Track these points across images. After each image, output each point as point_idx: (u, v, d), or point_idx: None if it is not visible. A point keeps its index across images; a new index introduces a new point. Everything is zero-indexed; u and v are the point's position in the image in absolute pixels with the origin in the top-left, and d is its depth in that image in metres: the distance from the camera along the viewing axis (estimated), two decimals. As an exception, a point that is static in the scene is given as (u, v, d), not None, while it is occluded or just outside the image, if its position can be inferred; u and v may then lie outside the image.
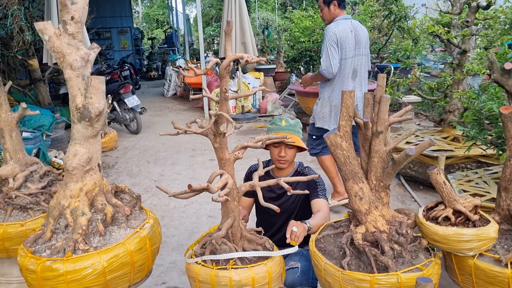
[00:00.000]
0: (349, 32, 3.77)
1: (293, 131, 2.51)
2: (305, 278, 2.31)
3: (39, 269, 1.73)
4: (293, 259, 2.41)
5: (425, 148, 1.83)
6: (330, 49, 3.72)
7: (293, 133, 2.48)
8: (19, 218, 2.31)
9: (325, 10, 3.90)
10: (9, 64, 7.31)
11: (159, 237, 2.06)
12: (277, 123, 2.56)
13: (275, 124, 2.56)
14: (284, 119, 2.57)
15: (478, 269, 1.78)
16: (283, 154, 2.45)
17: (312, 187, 2.49)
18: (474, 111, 2.95)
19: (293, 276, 2.30)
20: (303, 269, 2.33)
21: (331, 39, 3.71)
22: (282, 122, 2.55)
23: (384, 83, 1.90)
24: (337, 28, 3.74)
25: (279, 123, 2.55)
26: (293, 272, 2.33)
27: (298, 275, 2.30)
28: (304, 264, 2.36)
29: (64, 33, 1.81)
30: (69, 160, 1.87)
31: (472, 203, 1.84)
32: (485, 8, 4.29)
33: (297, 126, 2.57)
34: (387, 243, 1.79)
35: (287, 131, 2.47)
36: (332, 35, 3.72)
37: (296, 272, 2.32)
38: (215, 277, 1.80)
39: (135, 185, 5.09)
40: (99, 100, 1.84)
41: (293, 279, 2.29)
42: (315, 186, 2.49)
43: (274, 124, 2.58)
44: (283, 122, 2.55)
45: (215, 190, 1.77)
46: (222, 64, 1.80)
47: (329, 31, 3.75)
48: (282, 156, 2.45)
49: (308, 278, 2.33)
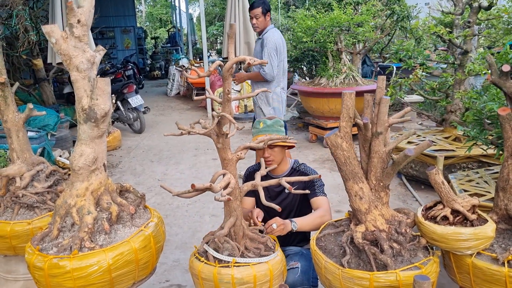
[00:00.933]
0: (281, 39, 4.47)
1: (270, 131, 2.54)
2: (305, 278, 2.34)
3: (46, 266, 1.78)
4: (293, 259, 2.45)
5: (424, 149, 1.86)
6: (272, 56, 4.34)
7: (271, 133, 2.51)
8: (26, 216, 2.36)
9: (261, 19, 4.42)
10: (14, 63, 7.38)
11: (163, 236, 2.11)
12: (256, 126, 2.62)
13: (255, 128, 2.63)
14: (262, 121, 2.61)
15: (476, 268, 1.81)
16: (266, 155, 2.46)
17: (309, 186, 2.51)
18: (475, 111, 2.97)
19: (293, 276, 2.33)
20: (303, 269, 2.37)
21: (272, 47, 4.32)
22: (260, 124, 2.59)
23: (383, 84, 1.94)
24: (274, 37, 4.36)
25: (257, 126, 2.61)
26: (293, 272, 2.36)
27: (299, 275, 2.34)
28: (304, 264, 2.39)
29: (70, 36, 1.85)
30: (75, 160, 1.91)
31: (470, 203, 1.87)
32: (487, 8, 4.31)
33: (276, 125, 2.58)
34: (387, 242, 1.83)
35: (265, 132, 2.52)
36: (272, 44, 4.33)
37: (297, 272, 2.36)
38: (217, 274, 1.84)
39: (139, 184, 5.14)
40: (104, 101, 1.88)
41: (294, 279, 2.32)
42: (312, 184, 2.51)
43: (254, 127, 2.64)
44: (260, 124, 2.59)
45: (218, 190, 1.81)
46: (225, 66, 1.84)
47: (269, 40, 4.34)
48: (266, 156, 2.46)
49: (309, 278, 2.37)
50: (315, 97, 6.49)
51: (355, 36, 6.69)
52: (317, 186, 2.52)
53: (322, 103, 6.40)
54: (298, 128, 7.68)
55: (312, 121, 6.80)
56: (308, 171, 2.60)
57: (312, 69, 8.39)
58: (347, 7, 7.04)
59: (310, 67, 8.42)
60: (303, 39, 6.51)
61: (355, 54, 7.64)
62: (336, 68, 6.56)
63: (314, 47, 6.80)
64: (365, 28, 6.58)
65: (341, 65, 6.58)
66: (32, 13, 6.57)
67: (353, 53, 7.62)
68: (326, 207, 2.43)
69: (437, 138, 4.61)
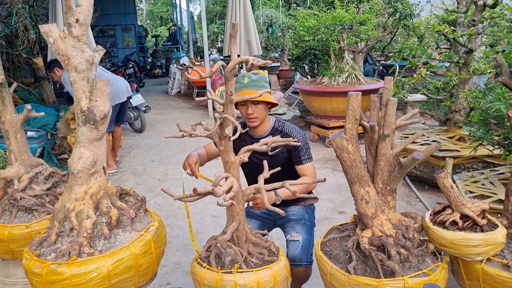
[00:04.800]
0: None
1: (256, 86, 2.37)
2: (304, 254, 2.35)
3: (44, 272, 1.73)
4: (295, 229, 2.44)
5: (432, 152, 1.81)
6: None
7: (256, 89, 2.35)
8: (24, 219, 2.31)
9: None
10: (13, 62, 7.34)
11: (164, 240, 2.06)
12: (240, 81, 2.42)
13: (238, 83, 2.42)
14: (247, 75, 2.41)
15: (486, 274, 1.77)
16: (250, 112, 2.36)
17: (293, 151, 2.42)
18: (481, 111, 2.92)
19: (294, 250, 2.35)
20: (303, 244, 2.37)
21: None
22: (244, 79, 2.41)
23: (391, 86, 1.89)
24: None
25: (241, 81, 2.41)
26: (294, 246, 2.37)
27: (299, 251, 2.35)
28: (305, 237, 2.39)
29: (69, 35, 1.80)
30: (74, 163, 1.86)
31: (480, 208, 1.82)
32: (492, 7, 4.25)
33: (261, 81, 2.41)
34: (394, 248, 1.78)
35: (250, 88, 2.36)
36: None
37: (297, 247, 2.36)
38: (220, 280, 1.80)
39: (139, 185, 5.10)
40: (104, 103, 1.83)
41: (294, 254, 2.34)
42: (296, 150, 2.42)
43: (238, 82, 2.43)
44: (245, 79, 2.40)
45: (220, 194, 1.76)
46: (227, 67, 1.79)
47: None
48: (250, 113, 2.36)
49: (308, 254, 2.38)
50: (317, 96, 6.43)
51: (358, 35, 6.63)
52: (303, 153, 2.43)
53: (325, 102, 6.34)
54: (300, 127, 7.63)
55: (314, 120, 6.75)
56: (291, 131, 2.47)
57: (314, 67, 8.33)
58: (349, 5, 6.98)
59: (312, 65, 8.36)
60: (305, 37, 6.45)
61: (357, 53, 7.58)
62: (339, 67, 6.50)
63: (316, 45, 6.74)
64: (367, 26, 6.52)
65: (343, 64, 6.52)
66: (32, 11, 6.52)
67: (355, 51, 7.56)
68: (311, 174, 2.41)
69: (441, 138, 4.55)
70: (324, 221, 3.96)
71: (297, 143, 2.10)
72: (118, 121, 5.80)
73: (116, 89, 5.41)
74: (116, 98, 5.46)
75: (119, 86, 5.53)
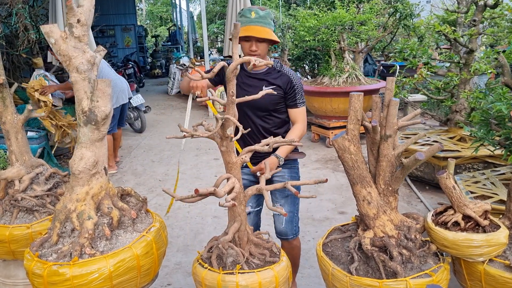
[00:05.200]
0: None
1: (263, 23, 2.30)
2: (289, 228, 2.44)
3: (46, 273, 1.73)
4: (279, 202, 2.47)
5: (434, 153, 1.81)
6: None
7: (263, 25, 2.29)
8: (25, 220, 2.31)
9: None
10: (13, 62, 7.32)
11: (165, 241, 2.06)
12: (246, 15, 2.31)
13: (245, 17, 2.31)
14: (254, 10, 2.31)
15: (488, 275, 1.76)
16: (254, 48, 2.29)
17: (290, 92, 2.39)
18: (482, 112, 2.92)
19: (279, 225, 2.44)
20: (287, 219, 2.45)
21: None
22: (251, 13, 2.30)
23: (393, 86, 1.88)
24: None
25: (248, 15, 2.30)
26: (279, 220, 2.46)
27: (284, 226, 2.43)
28: (289, 211, 2.45)
29: (70, 36, 1.80)
30: (75, 163, 1.86)
31: (482, 208, 1.81)
32: (493, 7, 4.24)
33: (268, 17, 2.33)
34: (396, 248, 1.78)
35: (256, 23, 2.28)
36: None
37: (282, 221, 2.45)
38: (221, 281, 1.79)
39: (139, 185, 5.09)
40: (105, 103, 1.83)
41: (280, 228, 2.43)
42: (293, 92, 2.38)
43: (244, 16, 2.32)
44: (252, 13, 2.30)
45: (222, 195, 1.75)
46: (229, 67, 1.78)
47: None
48: (254, 50, 2.30)
49: (292, 227, 2.46)
50: (317, 96, 6.43)
51: (358, 35, 6.62)
52: (299, 96, 2.40)
53: (325, 102, 6.34)
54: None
55: (314, 121, 6.74)
56: (289, 72, 2.42)
57: (315, 68, 8.32)
58: (349, 5, 6.98)
59: (313, 66, 8.35)
60: (306, 37, 6.45)
61: (357, 53, 7.57)
62: (339, 67, 6.50)
63: (316, 45, 6.73)
64: (368, 26, 6.52)
65: (343, 64, 6.52)
66: (32, 11, 6.51)
67: (356, 51, 7.55)
68: (303, 119, 2.42)
69: (441, 138, 4.55)
70: (325, 221, 3.95)
71: (299, 144, 2.10)
72: (119, 124, 5.78)
73: (119, 89, 5.40)
74: (120, 99, 5.45)
75: (123, 87, 5.52)
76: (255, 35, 2.24)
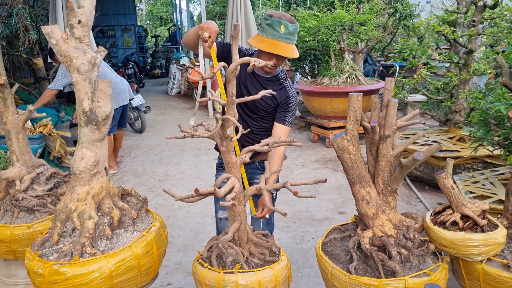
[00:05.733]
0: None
1: (291, 40, 2.17)
2: (267, 227, 2.54)
3: (47, 272, 1.74)
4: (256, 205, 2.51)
5: (433, 153, 1.82)
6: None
7: (290, 42, 2.18)
8: (26, 220, 2.32)
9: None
10: (14, 63, 7.34)
11: (166, 240, 2.07)
12: (276, 28, 2.14)
13: (273, 29, 2.14)
14: (284, 24, 2.14)
15: (486, 274, 1.77)
16: (275, 62, 2.22)
17: (283, 107, 2.37)
18: (481, 112, 2.93)
19: (258, 228, 2.49)
20: (265, 221, 2.53)
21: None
22: (281, 27, 2.13)
23: (392, 86, 1.89)
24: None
25: (277, 28, 2.13)
26: (256, 223, 2.53)
27: (262, 229, 2.49)
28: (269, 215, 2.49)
29: (71, 36, 1.81)
30: (76, 163, 1.87)
31: (480, 208, 1.83)
32: (492, 7, 4.26)
33: (296, 33, 2.21)
34: (395, 248, 1.79)
35: (285, 40, 2.15)
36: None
37: (259, 225, 2.52)
38: (221, 281, 1.80)
39: (140, 185, 5.10)
40: (106, 104, 1.84)
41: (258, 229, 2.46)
42: (286, 109, 2.36)
43: (272, 28, 2.15)
44: (282, 28, 2.13)
45: (221, 194, 1.76)
46: (229, 68, 1.80)
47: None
48: (274, 63, 2.22)
49: (270, 224, 2.57)
50: (317, 97, 6.44)
51: (358, 35, 6.63)
52: (290, 114, 2.37)
53: (325, 102, 6.35)
54: (300, 128, 7.64)
55: (314, 121, 6.75)
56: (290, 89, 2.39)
57: (314, 68, 8.33)
58: (349, 6, 6.99)
59: (312, 66, 8.36)
60: (306, 38, 6.46)
61: (357, 53, 7.59)
62: (339, 67, 6.51)
63: (316, 46, 6.74)
64: (367, 26, 6.53)
65: (343, 64, 6.53)
66: (32, 11, 6.53)
67: (356, 52, 7.57)
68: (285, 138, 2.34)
69: (441, 138, 4.56)
70: (324, 221, 3.96)
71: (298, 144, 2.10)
72: (120, 125, 5.77)
73: (120, 90, 5.39)
74: (121, 100, 5.44)
75: (123, 88, 5.51)
76: (282, 54, 2.14)
